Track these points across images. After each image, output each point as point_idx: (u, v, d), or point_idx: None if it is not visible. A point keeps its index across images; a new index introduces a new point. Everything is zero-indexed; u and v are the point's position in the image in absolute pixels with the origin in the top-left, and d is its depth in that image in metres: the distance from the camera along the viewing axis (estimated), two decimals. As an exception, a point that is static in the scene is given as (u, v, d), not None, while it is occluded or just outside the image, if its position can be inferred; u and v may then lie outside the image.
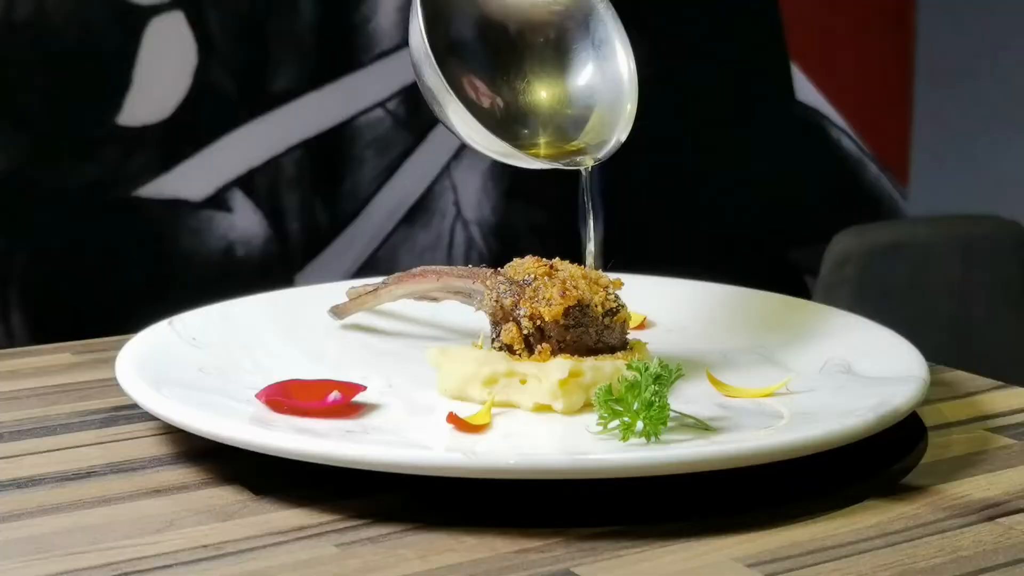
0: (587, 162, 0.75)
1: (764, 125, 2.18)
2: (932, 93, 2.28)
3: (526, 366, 0.69)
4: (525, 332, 0.71)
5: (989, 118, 2.18)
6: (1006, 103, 2.16)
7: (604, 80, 0.77)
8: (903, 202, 2.30)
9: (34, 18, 1.58)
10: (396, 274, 0.82)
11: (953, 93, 2.24)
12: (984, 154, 2.18)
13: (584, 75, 0.78)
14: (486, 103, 0.76)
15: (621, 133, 0.76)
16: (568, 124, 0.78)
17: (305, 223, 1.80)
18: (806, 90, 2.19)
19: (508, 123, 0.76)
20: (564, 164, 0.75)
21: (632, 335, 0.75)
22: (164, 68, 1.67)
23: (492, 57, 0.77)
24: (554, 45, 0.78)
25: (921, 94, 2.30)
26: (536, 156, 0.75)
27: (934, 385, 0.71)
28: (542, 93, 0.77)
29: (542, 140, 0.77)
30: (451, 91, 0.71)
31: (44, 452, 0.66)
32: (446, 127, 0.74)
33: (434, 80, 0.71)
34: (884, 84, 2.30)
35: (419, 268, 0.81)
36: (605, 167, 0.77)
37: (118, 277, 1.67)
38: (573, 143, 0.77)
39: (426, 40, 0.71)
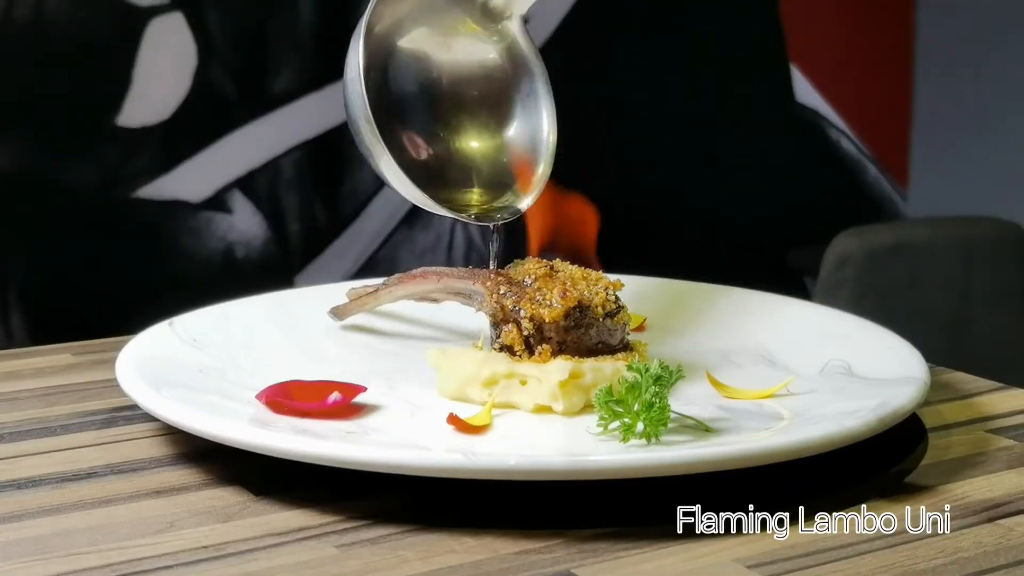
0: (496, 217, 0.77)
1: (764, 126, 2.18)
2: (932, 94, 2.28)
3: (526, 367, 0.69)
4: (525, 333, 0.71)
5: (989, 118, 2.18)
6: (1006, 104, 2.16)
7: (526, 140, 0.78)
8: (903, 203, 2.30)
9: (34, 18, 1.58)
10: (396, 275, 0.82)
11: (953, 94, 2.24)
12: (984, 155, 2.18)
13: (508, 133, 0.79)
14: (415, 153, 0.76)
15: (525, 200, 0.77)
16: (490, 178, 0.79)
17: (305, 224, 1.80)
18: (805, 91, 2.19)
19: (435, 173, 0.77)
20: (469, 219, 0.77)
21: (632, 336, 0.76)
22: (164, 69, 1.67)
23: (424, 109, 0.78)
24: (486, 101, 0.79)
25: (921, 95, 2.30)
26: (452, 206, 0.76)
27: (934, 386, 0.71)
28: (471, 144, 0.78)
29: (470, 190, 0.79)
30: (382, 141, 0.72)
31: (44, 453, 0.66)
32: (374, 169, 0.75)
33: (367, 130, 0.72)
34: (884, 85, 2.30)
35: (419, 269, 0.81)
36: (605, 167, 0.77)
37: (118, 278, 1.67)
38: (498, 200, 0.78)
39: (364, 88, 0.71)
